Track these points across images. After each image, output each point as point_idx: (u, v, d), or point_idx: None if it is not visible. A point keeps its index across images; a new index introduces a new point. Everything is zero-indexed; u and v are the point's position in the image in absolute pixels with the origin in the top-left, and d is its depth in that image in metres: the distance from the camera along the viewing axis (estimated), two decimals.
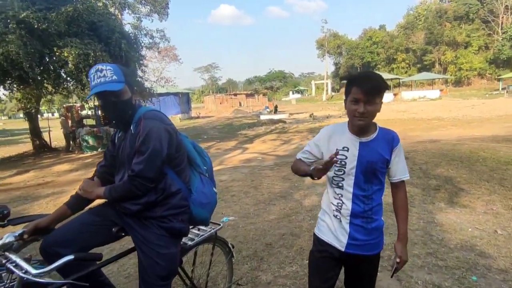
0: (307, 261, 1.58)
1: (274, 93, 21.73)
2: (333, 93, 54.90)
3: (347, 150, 1.36)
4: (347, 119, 1.40)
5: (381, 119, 13.33)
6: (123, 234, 1.50)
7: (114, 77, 1.38)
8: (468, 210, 3.55)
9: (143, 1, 16.18)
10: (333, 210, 1.42)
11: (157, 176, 1.40)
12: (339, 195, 1.41)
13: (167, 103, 25.37)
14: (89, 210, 1.53)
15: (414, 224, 3.23)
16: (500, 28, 45.13)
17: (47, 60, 9.44)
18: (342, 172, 1.38)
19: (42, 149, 12.40)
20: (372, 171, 1.34)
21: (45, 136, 12.96)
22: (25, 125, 13.31)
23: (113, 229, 1.46)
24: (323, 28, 60.72)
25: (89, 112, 13.86)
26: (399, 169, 1.40)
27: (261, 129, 14.71)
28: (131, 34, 11.78)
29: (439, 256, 2.56)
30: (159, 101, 15.65)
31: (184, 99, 29.27)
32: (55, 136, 14.32)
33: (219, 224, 1.86)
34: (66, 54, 8.28)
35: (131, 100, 1.46)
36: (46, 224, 1.40)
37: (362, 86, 1.25)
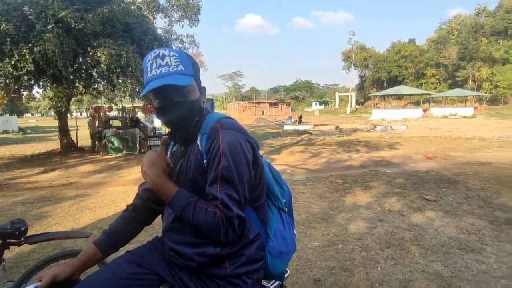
0: None
1: (299, 103, 21.19)
2: (357, 106, 53.66)
3: None
4: (375, 134, 0.78)
5: (410, 136, 12.79)
6: None
7: (181, 67, 0.97)
8: None
9: (175, 6, 16.36)
10: None
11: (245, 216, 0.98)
12: None
13: None
14: (127, 255, 1.10)
15: (495, 269, 2.65)
16: None
17: (80, 60, 9.54)
18: None
19: (69, 147, 12.54)
20: None
21: (73, 135, 13.12)
22: (55, 123, 13.57)
23: (160, 287, 1.05)
24: (350, 40, 60.00)
25: (116, 114, 13.97)
26: None
27: (286, 140, 14.23)
28: (162, 38, 11.78)
29: None
30: None
31: (208, 105, 28.96)
32: (82, 135, 14.52)
33: (287, 271, 1.43)
34: (99, 54, 8.26)
35: (199, 102, 1.05)
36: (68, 275, 0.98)
37: None
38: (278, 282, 1.30)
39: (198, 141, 1.03)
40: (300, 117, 25.73)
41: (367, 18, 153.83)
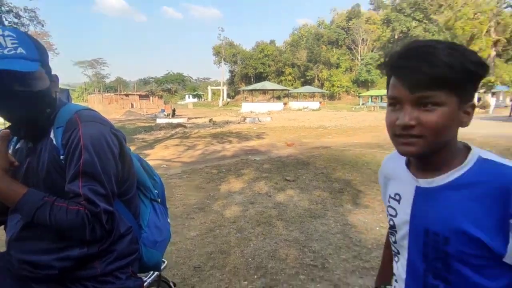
0: (245, 283, 1.29)
1: (171, 96, 20.51)
2: (228, 100, 56.53)
3: (398, 201, 0.77)
4: (245, 125, 0.86)
5: (274, 126, 14.48)
6: None
7: (21, 49, 0.82)
8: (370, 210, 4.02)
9: None
10: None
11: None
12: (394, 274, 0.82)
13: None
14: None
15: (333, 228, 3.43)
16: (359, 55, 55.88)
17: None
18: (394, 240, 0.79)
19: None
20: (439, 257, 0.66)
21: None
22: None
23: None
24: (220, 35, 62.17)
25: None
26: None
27: (160, 134, 13.65)
28: None
29: (363, 258, 2.75)
30: None
31: (64, 96, 24.28)
32: None
33: (164, 262, 1.44)
34: None
35: (49, 92, 0.91)
36: None
37: (404, 74, 0.63)
38: (156, 273, 1.31)
39: (51, 136, 0.92)
40: (174, 110, 25.07)
41: (234, 17, 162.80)
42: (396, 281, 0.80)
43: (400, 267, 0.77)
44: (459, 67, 0.59)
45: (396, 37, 52.87)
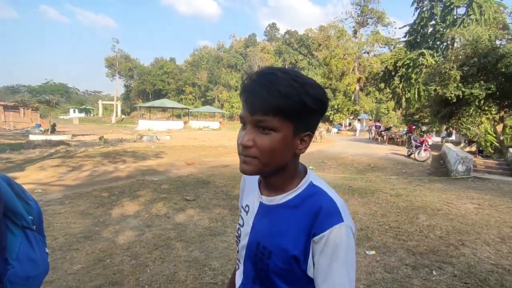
0: None
1: (51, 109, 17.26)
2: (123, 116, 52.06)
3: (247, 212, 0.81)
4: (142, 144, 0.81)
5: (174, 145, 14.29)
6: None
7: None
8: None
9: None
10: None
11: None
12: (239, 280, 0.84)
13: None
14: None
15: (232, 244, 3.55)
16: None
17: None
18: (238, 249, 0.83)
19: None
20: (263, 269, 0.72)
21: None
22: None
23: None
24: (114, 47, 57.41)
25: None
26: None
27: (34, 153, 11.39)
28: None
29: None
30: None
31: None
32: None
33: None
34: None
35: None
36: None
37: (246, 95, 0.68)
38: None
39: None
40: (54, 126, 21.39)
41: (131, 29, 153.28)
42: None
43: (238, 275, 0.82)
44: (295, 98, 0.64)
45: (286, 66, 59.66)
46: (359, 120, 38.73)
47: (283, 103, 0.64)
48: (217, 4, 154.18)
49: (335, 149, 15.63)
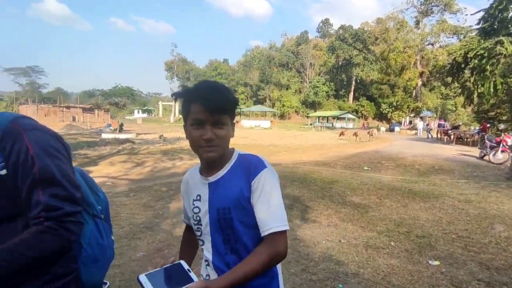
0: None
1: (119, 110, 19.45)
2: (180, 116, 55.27)
3: (199, 199, 1.02)
4: None
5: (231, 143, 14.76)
6: None
7: None
8: (317, 224, 4.23)
9: None
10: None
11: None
12: (206, 263, 1.04)
13: None
14: None
15: None
16: (307, 78, 59.50)
17: None
18: (200, 233, 1.03)
19: None
20: (229, 225, 0.95)
21: None
22: None
23: None
24: (173, 51, 61.46)
25: None
26: (263, 215, 0.92)
27: (105, 149, 12.76)
28: None
29: (310, 271, 2.88)
30: None
31: None
32: None
33: (106, 283, 1.36)
34: None
35: None
36: None
37: (206, 102, 0.91)
38: None
39: None
40: (121, 125, 23.75)
41: (188, 34, 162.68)
42: (207, 264, 1.03)
43: (206, 251, 1.02)
44: (232, 100, 0.97)
45: (340, 63, 57.57)
46: (421, 118, 35.64)
47: (229, 104, 0.96)
48: (268, 4, 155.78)
49: (393, 149, 14.62)
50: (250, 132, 27.45)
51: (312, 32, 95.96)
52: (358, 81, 55.54)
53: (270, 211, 0.92)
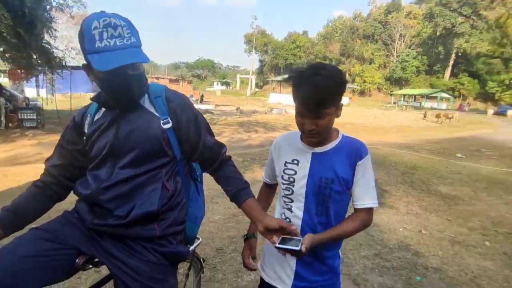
0: None
1: (201, 82, 20.93)
2: (256, 89, 56.46)
3: (297, 164, 1.11)
4: (272, 116, 1.21)
5: None
6: (91, 266, 1.03)
7: (133, 39, 0.96)
8: (394, 210, 3.95)
9: None
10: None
11: None
12: (288, 220, 1.13)
13: (76, 79, 21.85)
14: (34, 232, 1.00)
15: None
16: (395, 51, 53.40)
17: None
18: (290, 192, 1.13)
19: None
20: (327, 193, 1.07)
21: None
22: None
23: (77, 260, 0.99)
24: (252, 24, 61.82)
25: None
26: (361, 192, 1.09)
27: None
28: None
29: (384, 257, 2.73)
30: (70, 75, 13.18)
31: None
32: None
33: (198, 238, 1.54)
34: None
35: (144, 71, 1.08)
36: None
37: (304, 101, 0.98)
38: (193, 247, 1.42)
39: (146, 106, 1.07)
40: (202, 96, 25.52)
41: (268, 5, 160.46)
42: (284, 218, 1.15)
43: (295, 208, 1.12)
44: (335, 92, 1.00)
45: (438, 33, 49.87)
46: None
47: (331, 100, 1.00)
48: None
49: (498, 136, 12.43)
50: None
51: None
52: (460, 54, 47.44)
53: (367, 190, 1.09)
